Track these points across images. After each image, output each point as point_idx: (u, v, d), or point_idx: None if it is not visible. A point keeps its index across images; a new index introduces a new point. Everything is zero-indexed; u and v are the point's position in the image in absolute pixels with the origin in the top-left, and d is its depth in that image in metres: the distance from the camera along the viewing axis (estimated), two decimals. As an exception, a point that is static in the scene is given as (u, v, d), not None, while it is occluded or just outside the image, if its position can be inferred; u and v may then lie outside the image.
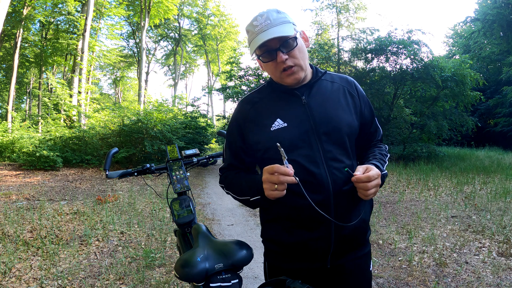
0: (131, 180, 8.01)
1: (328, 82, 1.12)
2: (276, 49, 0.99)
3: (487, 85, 15.88)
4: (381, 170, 1.02)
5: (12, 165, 10.29)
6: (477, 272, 2.77)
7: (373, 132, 1.20)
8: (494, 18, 14.02)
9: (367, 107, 1.16)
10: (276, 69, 1.02)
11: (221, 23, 29.28)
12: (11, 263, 2.91)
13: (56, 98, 13.23)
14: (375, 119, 1.20)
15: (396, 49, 11.10)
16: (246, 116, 1.11)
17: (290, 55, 1.00)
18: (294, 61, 1.00)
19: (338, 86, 1.12)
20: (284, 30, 0.97)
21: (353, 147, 1.10)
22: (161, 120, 11.07)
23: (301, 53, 1.02)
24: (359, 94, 1.14)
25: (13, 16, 16.15)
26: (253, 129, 1.08)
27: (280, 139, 1.00)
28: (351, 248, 1.08)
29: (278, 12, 1.01)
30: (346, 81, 1.15)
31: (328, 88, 1.10)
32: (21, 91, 25.03)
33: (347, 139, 1.06)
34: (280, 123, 1.03)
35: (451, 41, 28.45)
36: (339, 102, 1.08)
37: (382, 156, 1.12)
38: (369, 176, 0.92)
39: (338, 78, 1.15)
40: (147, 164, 1.64)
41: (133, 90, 36.67)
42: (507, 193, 5.69)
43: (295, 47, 1.00)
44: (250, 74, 11.91)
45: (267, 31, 0.97)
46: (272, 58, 1.01)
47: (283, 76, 1.03)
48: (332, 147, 1.03)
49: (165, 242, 3.63)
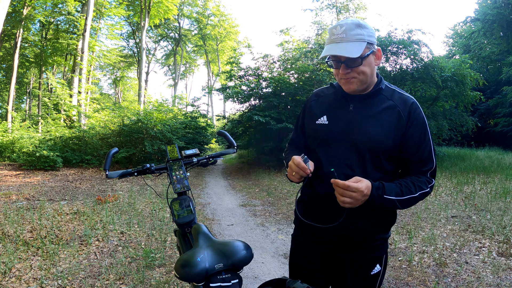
0: (131, 180, 8.01)
1: (385, 98, 1.17)
2: (342, 62, 1.10)
3: (487, 85, 15.87)
4: (384, 193, 1.05)
5: (12, 165, 10.29)
6: (477, 272, 2.77)
7: (416, 161, 1.14)
8: (494, 18, 14.01)
9: (415, 133, 1.13)
10: (338, 76, 1.16)
11: (221, 23, 29.28)
12: (11, 263, 2.91)
13: (56, 98, 13.24)
14: (426, 147, 1.14)
15: (396, 49, 11.09)
16: (310, 104, 1.31)
17: (353, 70, 1.10)
18: (353, 74, 1.11)
19: (391, 104, 1.15)
20: (353, 49, 1.05)
21: (379, 165, 1.13)
22: (161, 120, 11.08)
23: (364, 69, 1.10)
24: (411, 117, 1.13)
25: (13, 16, 16.14)
26: (308, 117, 1.29)
27: (319, 132, 1.22)
28: (349, 246, 1.18)
29: (358, 26, 1.08)
30: (403, 102, 1.15)
31: (380, 104, 1.16)
32: (21, 91, 25.02)
33: (369, 155, 1.12)
34: (324, 120, 1.22)
35: (451, 41, 28.44)
36: (381, 119, 1.13)
37: (408, 185, 1.10)
38: (347, 186, 1.00)
39: (398, 96, 1.17)
40: (147, 164, 1.64)
41: (133, 90, 36.67)
42: (507, 193, 5.69)
43: (358, 66, 1.09)
44: (250, 74, 11.90)
45: (339, 44, 1.07)
46: (337, 66, 1.13)
47: (341, 82, 1.16)
48: (353, 156, 1.13)
49: (165, 242, 3.63)
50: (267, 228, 4.33)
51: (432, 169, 1.15)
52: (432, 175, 1.16)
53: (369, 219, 1.15)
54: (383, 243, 1.21)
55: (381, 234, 1.19)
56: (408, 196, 1.08)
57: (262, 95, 11.33)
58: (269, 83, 11.27)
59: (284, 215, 4.95)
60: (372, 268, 1.19)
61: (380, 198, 1.04)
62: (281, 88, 10.87)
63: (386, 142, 1.11)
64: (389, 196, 1.05)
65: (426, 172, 1.15)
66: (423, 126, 1.14)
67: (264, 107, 10.75)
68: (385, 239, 1.22)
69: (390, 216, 1.21)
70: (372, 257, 1.19)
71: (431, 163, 1.15)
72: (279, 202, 5.84)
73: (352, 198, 1.00)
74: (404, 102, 1.15)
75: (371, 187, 1.03)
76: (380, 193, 1.04)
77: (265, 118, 9.86)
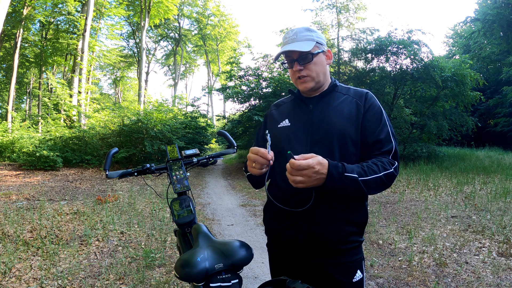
0: (131, 180, 8.01)
1: (341, 95, 1.23)
2: (295, 60, 1.18)
3: (487, 85, 15.88)
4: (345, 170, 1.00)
5: (12, 165, 10.29)
6: (477, 272, 2.77)
7: (374, 143, 1.14)
8: (494, 18, 14.01)
9: (372, 117, 1.16)
10: (293, 75, 1.21)
11: (221, 23, 29.29)
12: (11, 263, 2.91)
13: (56, 98, 13.24)
14: (383, 131, 1.15)
15: (396, 49, 11.11)
16: (271, 113, 1.36)
17: (305, 67, 1.17)
18: (307, 72, 1.17)
19: (348, 98, 1.21)
20: (304, 46, 1.14)
21: (347, 153, 1.13)
22: (161, 120, 11.08)
23: (316, 67, 1.18)
24: (366, 104, 1.18)
25: (13, 16, 16.16)
26: (270, 124, 1.33)
27: (282, 134, 1.23)
28: (323, 250, 1.13)
29: (307, 30, 1.19)
30: (359, 94, 1.21)
31: (337, 100, 1.21)
32: (21, 91, 25.03)
33: (337, 144, 1.13)
34: (286, 123, 1.25)
35: (451, 41, 28.47)
36: (341, 111, 1.17)
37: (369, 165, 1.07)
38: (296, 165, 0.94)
39: (353, 92, 1.23)
40: (147, 164, 1.64)
41: (133, 90, 36.68)
42: (507, 193, 5.69)
43: (310, 62, 1.16)
44: (250, 74, 11.90)
45: (291, 44, 1.17)
46: (291, 66, 1.20)
47: (297, 82, 1.22)
48: (320, 149, 1.12)
49: (165, 242, 3.63)
50: (267, 228, 4.33)
51: (393, 151, 1.14)
52: (394, 157, 1.14)
53: (338, 215, 1.11)
54: (357, 246, 1.17)
55: (354, 235, 1.15)
56: (372, 176, 1.03)
57: (262, 95, 11.33)
58: (269, 83, 11.27)
59: (284, 215, 4.95)
60: (354, 275, 1.14)
61: (340, 176, 0.99)
62: (281, 88, 10.88)
63: (350, 129, 1.14)
64: (351, 173, 1.01)
65: (386, 153, 1.13)
66: (379, 111, 1.18)
67: (264, 107, 10.75)
68: (359, 242, 1.18)
69: (361, 214, 1.17)
70: (350, 261, 1.15)
71: (389, 144, 1.14)
72: (279, 202, 5.83)
73: (303, 176, 0.95)
74: (359, 94, 1.21)
75: (327, 165, 0.98)
76: (340, 171, 0.99)
77: (265, 118, 9.84)
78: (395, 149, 1.15)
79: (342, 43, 13.80)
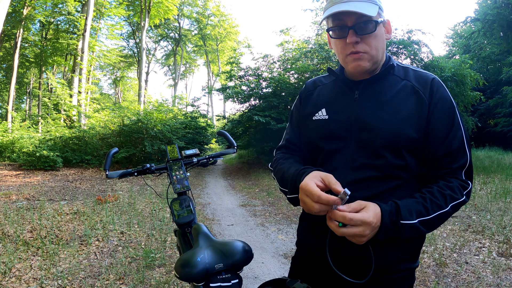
0: (131, 180, 8.01)
1: (398, 79, 0.92)
2: (349, 27, 0.84)
3: (487, 85, 15.88)
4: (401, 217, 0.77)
5: (12, 165, 10.29)
6: (477, 272, 2.77)
7: (443, 156, 0.86)
8: (494, 18, 14.01)
9: (442, 118, 0.86)
10: (343, 49, 0.88)
11: (221, 23, 29.29)
12: (11, 263, 2.91)
13: (56, 98, 13.24)
14: (456, 137, 0.86)
15: (396, 49, 11.11)
16: (306, 96, 1.06)
17: (363, 40, 0.85)
18: (365, 47, 0.86)
19: (407, 86, 0.90)
20: (366, 8, 0.82)
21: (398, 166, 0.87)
22: (161, 120, 11.09)
23: (376, 42, 0.86)
24: (433, 100, 0.87)
25: (13, 16, 16.15)
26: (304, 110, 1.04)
27: (317, 130, 0.95)
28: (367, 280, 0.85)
29: None
30: (423, 81, 0.90)
31: (393, 87, 0.91)
32: (21, 91, 25.04)
33: (387, 154, 0.85)
34: (323, 114, 0.96)
35: (451, 41, 28.46)
36: (398, 107, 0.87)
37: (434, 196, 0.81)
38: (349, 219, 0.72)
39: (414, 75, 0.93)
40: (147, 164, 1.64)
41: (133, 90, 36.67)
42: (507, 193, 5.69)
43: (372, 32, 0.85)
44: (250, 74, 11.90)
45: (347, 2, 0.83)
46: (342, 35, 0.87)
47: (348, 59, 0.89)
48: (364, 158, 0.87)
49: (165, 242, 3.63)
50: (267, 228, 4.33)
51: (466, 167, 0.86)
52: (468, 175, 0.87)
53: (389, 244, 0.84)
54: (409, 275, 0.90)
55: (406, 262, 0.88)
56: (436, 214, 0.80)
57: (262, 95, 11.33)
58: (269, 83, 11.27)
59: (284, 215, 4.95)
60: None
61: (395, 226, 0.76)
62: (281, 88, 10.88)
63: (408, 133, 0.84)
64: (408, 220, 0.77)
65: (458, 170, 0.86)
66: (451, 108, 0.87)
67: (264, 107, 10.76)
68: (411, 269, 0.90)
69: (417, 238, 0.90)
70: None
71: (463, 158, 0.86)
72: (279, 202, 5.83)
73: (356, 235, 0.74)
74: (423, 81, 0.90)
75: (380, 214, 0.76)
76: (395, 219, 0.76)
77: (265, 118, 9.86)
78: (469, 164, 0.87)
79: (342, 43, 13.77)
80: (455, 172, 0.86)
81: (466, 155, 0.86)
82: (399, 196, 0.84)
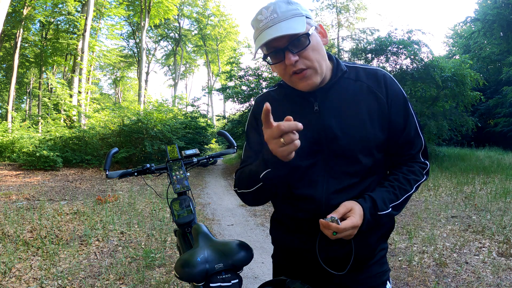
0: (131, 180, 8.01)
1: (351, 81, 0.92)
2: (284, 49, 0.82)
3: (487, 85, 15.87)
4: (377, 209, 0.84)
5: (12, 165, 10.29)
6: (477, 272, 2.77)
7: (404, 144, 0.94)
8: (494, 18, 14.03)
9: (398, 112, 0.92)
10: (285, 71, 0.87)
11: (221, 23, 29.30)
12: (11, 263, 2.91)
13: (56, 98, 13.25)
14: (411, 126, 0.94)
15: (396, 49, 11.10)
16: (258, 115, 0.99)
17: (302, 56, 0.83)
18: (306, 63, 0.84)
19: (362, 86, 0.92)
20: (293, 25, 0.80)
21: (372, 164, 0.90)
22: (161, 120, 11.09)
23: (315, 53, 0.84)
24: (388, 95, 0.90)
25: (13, 16, 16.16)
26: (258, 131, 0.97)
27: None
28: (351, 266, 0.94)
29: (288, 3, 0.84)
30: (374, 78, 0.92)
31: (349, 90, 0.91)
32: (21, 91, 25.04)
33: (362, 157, 0.88)
34: None
35: (451, 41, 28.48)
36: (359, 110, 0.89)
37: (400, 183, 0.90)
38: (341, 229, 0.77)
39: (364, 74, 0.93)
40: (147, 164, 1.64)
41: (133, 90, 36.68)
42: (507, 193, 5.69)
43: (307, 46, 0.83)
44: (250, 74, 11.91)
45: (273, 27, 0.81)
46: (280, 59, 0.85)
47: (293, 80, 0.87)
48: (342, 166, 0.88)
49: (165, 242, 3.63)
50: (267, 228, 4.33)
51: (423, 149, 0.95)
52: (425, 155, 0.96)
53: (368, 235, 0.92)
54: (384, 255, 1.00)
55: (381, 246, 0.99)
56: (404, 197, 0.90)
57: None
58: (269, 83, 11.27)
59: (284, 215, 4.95)
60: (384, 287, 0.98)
61: (374, 218, 0.84)
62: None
63: (376, 135, 0.88)
64: (384, 211, 0.85)
65: (417, 154, 0.95)
66: (403, 99, 0.93)
67: (264, 107, 10.74)
68: (385, 249, 1.01)
69: (389, 224, 1.00)
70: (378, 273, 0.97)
71: (420, 142, 0.95)
72: (279, 202, 5.83)
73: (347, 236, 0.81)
74: (374, 78, 0.92)
75: (363, 213, 0.83)
76: (374, 212, 0.84)
77: (265, 118, 9.84)
78: (424, 146, 0.96)
79: (342, 43, 13.84)
80: (415, 156, 0.95)
81: (421, 139, 0.96)
82: (373, 186, 0.92)
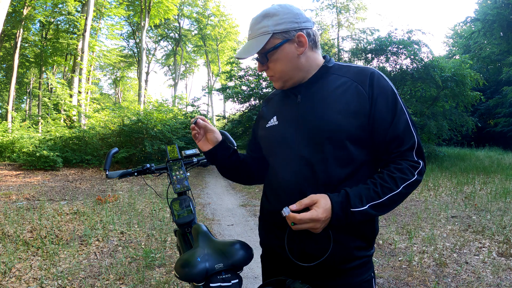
0: (131, 180, 8.01)
1: (338, 77, 0.97)
2: (256, 59, 1.02)
3: (487, 85, 15.88)
4: (350, 205, 0.83)
5: (12, 165, 10.29)
6: (477, 272, 2.77)
7: (391, 140, 0.90)
8: (494, 18, 14.03)
9: (385, 107, 0.91)
10: None
11: (221, 23, 29.26)
12: (11, 263, 2.91)
13: (56, 98, 13.24)
14: (400, 121, 0.90)
15: (396, 49, 11.11)
16: (262, 111, 1.16)
17: (268, 66, 0.98)
18: (269, 72, 1.00)
19: (347, 82, 0.95)
20: (251, 47, 0.94)
21: (345, 157, 0.91)
22: (161, 120, 11.08)
23: (279, 65, 0.96)
24: (374, 92, 0.91)
25: (13, 16, 16.15)
26: (262, 123, 1.11)
27: (271, 136, 1.04)
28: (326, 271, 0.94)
29: (265, 16, 0.94)
30: (360, 75, 0.95)
31: (332, 85, 0.96)
32: (21, 91, 25.04)
33: (330, 145, 0.90)
34: (274, 121, 1.04)
35: (451, 41, 28.49)
36: (336, 102, 0.93)
37: (384, 181, 0.87)
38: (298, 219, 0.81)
39: (353, 72, 0.97)
40: (147, 164, 1.64)
41: (133, 90, 36.66)
42: (507, 193, 5.69)
43: (267, 62, 0.97)
44: (250, 74, 11.93)
45: (245, 44, 0.99)
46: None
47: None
48: (312, 154, 0.92)
49: (165, 242, 3.63)
50: (267, 228, 4.33)
51: (416, 147, 0.90)
52: (419, 155, 0.90)
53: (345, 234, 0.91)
54: (367, 262, 0.96)
55: (362, 250, 0.94)
56: (387, 196, 0.85)
57: (262, 95, 11.34)
58: (269, 83, 11.27)
59: (284, 215, 4.94)
60: None
61: (346, 214, 0.83)
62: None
63: (349, 124, 0.89)
64: (358, 208, 0.83)
65: (408, 152, 0.89)
66: (392, 96, 0.92)
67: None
68: (368, 256, 0.96)
69: (369, 226, 0.95)
70: (360, 281, 0.94)
71: (411, 140, 0.90)
72: (279, 202, 5.83)
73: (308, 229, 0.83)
74: (360, 76, 0.94)
75: (330, 206, 0.82)
76: (345, 208, 0.83)
77: (265, 118, 9.85)
78: (418, 144, 0.90)
79: (342, 43, 13.82)
80: (405, 154, 0.90)
81: (413, 136, 0.91)
82: (355, 182, 0.90)
